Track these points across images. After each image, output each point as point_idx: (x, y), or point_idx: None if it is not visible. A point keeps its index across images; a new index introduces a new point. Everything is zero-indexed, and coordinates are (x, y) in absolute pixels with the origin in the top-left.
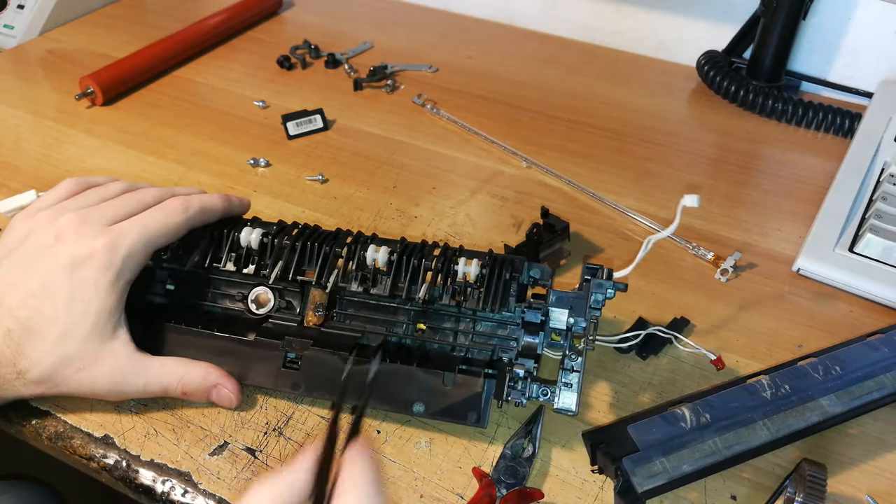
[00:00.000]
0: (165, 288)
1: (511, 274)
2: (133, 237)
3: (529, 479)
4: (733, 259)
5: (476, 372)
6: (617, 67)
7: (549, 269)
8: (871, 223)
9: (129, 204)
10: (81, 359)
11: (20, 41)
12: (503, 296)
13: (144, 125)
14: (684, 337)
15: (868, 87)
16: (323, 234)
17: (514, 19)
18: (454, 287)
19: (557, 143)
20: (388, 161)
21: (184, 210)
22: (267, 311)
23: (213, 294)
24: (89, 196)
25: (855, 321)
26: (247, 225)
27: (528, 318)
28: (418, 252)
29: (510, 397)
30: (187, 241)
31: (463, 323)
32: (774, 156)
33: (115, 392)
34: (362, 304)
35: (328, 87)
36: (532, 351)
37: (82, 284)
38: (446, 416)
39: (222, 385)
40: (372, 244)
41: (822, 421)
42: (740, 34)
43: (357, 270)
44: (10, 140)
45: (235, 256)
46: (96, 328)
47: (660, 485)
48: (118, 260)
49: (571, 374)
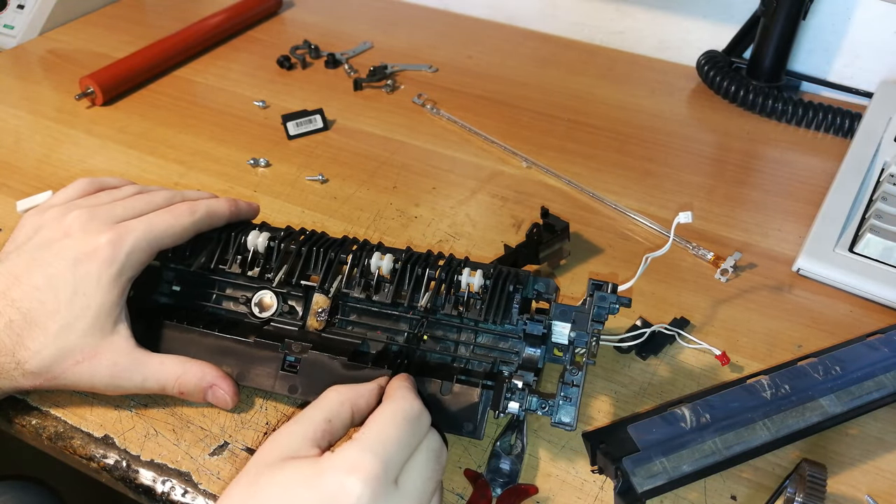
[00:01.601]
0: (171, 289)
1: (515, 286)
2: (138, 234)
3: (524, 476)
4: (733, 259)
5: (474, 383)
6: (617, 67)
7: (555, 284)
8: (871, 223)
9: (138, 205)
10: (81, 351)
11: (20, 41)
12: (506, 307)
13: (144, 125)
14: (688, 334)
15: (868, 87)
16: (329, 240)
17: (514, 19)
18: (457, 297)
19: (557, 143)
20: (388, 161)
21: (191, 213)
22: (269, 315)
23: (218, 296)
24: (101, 196)
25: (855, 321)
26: (254, 229)
27: (529, 331)
28: (423, 261)
29: (508, 410)
30: (195, 243)
31: (464, 334)
32: (774, 156)
33: (112, 386)
34: (364, 311)
35: (328, 87)
36: (533, 364)
37: (85, 278)
38: (442, 425)
39: (218, 386)
40: (377, 252)
41: (822, 421)
42: (740, 34)
43: (361, 277)
44: (10, 140)
45: (241, 259)
46: (97, 322)
47: (660, 485)
48: (121, 256)
49: (571, 389)
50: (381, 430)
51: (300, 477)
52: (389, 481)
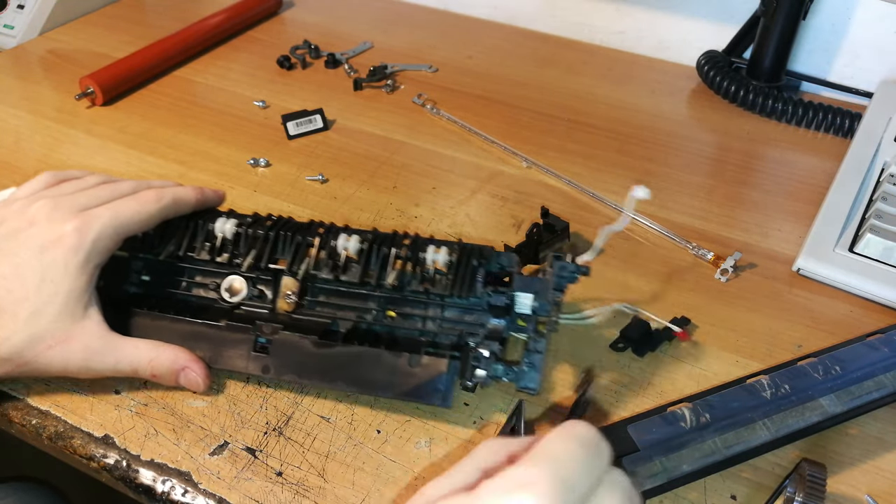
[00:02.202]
0: (141, 279)
1: (479, 261)
2: (104, 221)
3: None
4: (733, 259)
5: (442, 354)
6: (617, 67)
7: (517, 258)
8: (871, 223)
9: (103, 193)
10: (52, 336)
11: (20, 41)
12: (470, 281)
13: (144, 125)
14: (664, 321)
15: (868, 87)
16: (296, 224)
17: (514, 19)
18: (423, 274)
19: (557, 143)
20: (388, 161)
21: (157, 200)
22: (240, 299)
23: (188, 283)
24: (65, 186)
25: (855, 321)
26: (222, 216)
27: (493, 302)
28: (389, 241)
29: (474, 378)
30: (163, 231)
31: (432, 309)
32: (774, 156)
33: (85, 369)
34: (333, 292)
35: (328, 87)
36: (498, 334)
37: (52, 265)
38: (412, 396)
39: (191, 369)
40: (343, 233)
41: (822, 421)
42: (740, 34)
43: (328, 259)
44: (10, 140)
45: (210, 247)
46: (66, 308)
47: (660, 485)
48: (87, 242)
49: (535, 356)
50: (551, 447)
51: None
52: None
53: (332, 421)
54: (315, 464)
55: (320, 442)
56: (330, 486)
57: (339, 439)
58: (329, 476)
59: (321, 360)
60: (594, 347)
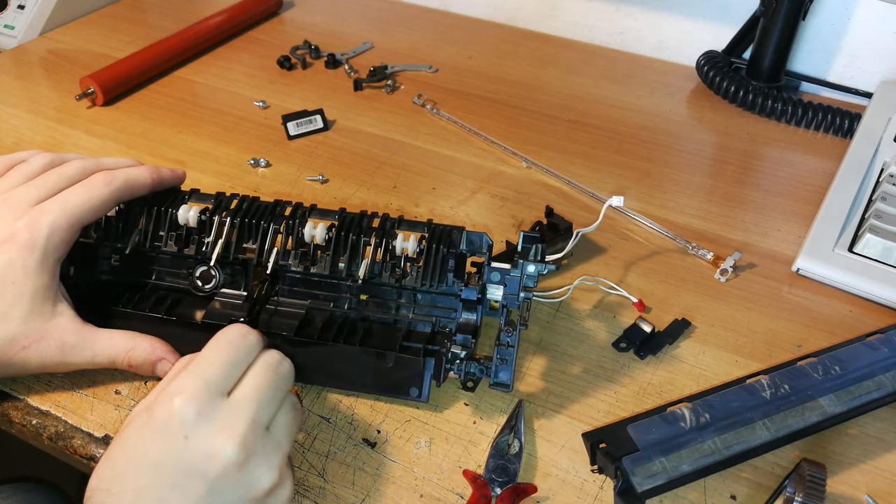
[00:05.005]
0: (111, 265)
1: (448, 249)
2: (55, 215)
3: (523, 475)
4: (733, 259)
5: (416, 350)
6: (617, 67)
7: (488, 239)
8: (870, 223)
9: (51, 180)
10: (26, 337)
11: (20, 41)
12: (441, 272)
13: (145, 125)
14: (622, 291)
15: (868, 87)
16: (262, 207)
17: (514, 19)
18: (393, 264)
19: (557, 143)
20: (388, 161)
21: (107, 184)
22: (212, 288)
23: (159, 271)
24: (12, 177)
25: (854, 321)
26: (184, 199)
27: (465, 296)
28: (356, 226)
29: (452, 373)
30: (126, 217)
31: (404, 296)
32: (774, 156)
33: (63, 364)
34: (304, 281)
35: (328, 88)
36: (470, 327)
37: (9, 267)
38: (390, 392)
39: (167, 360)
40: (309, 220)
41: (822, 421)
42: (740, 34)
43: (296, 248)
44: (11, 140)
45: (175, 237)
46: (34, 307)
47: (659, 484)
48: (41, 239)
49: (507, 350)
50: (203, 355)
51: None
52: (215, 394)
53: (332, 421)
54: (315, 464)
55: (320, 442)
56: (330, 486)
57: (339, 439)
58: (329, 476)
59: (298, 357)
60: (594, 347)
